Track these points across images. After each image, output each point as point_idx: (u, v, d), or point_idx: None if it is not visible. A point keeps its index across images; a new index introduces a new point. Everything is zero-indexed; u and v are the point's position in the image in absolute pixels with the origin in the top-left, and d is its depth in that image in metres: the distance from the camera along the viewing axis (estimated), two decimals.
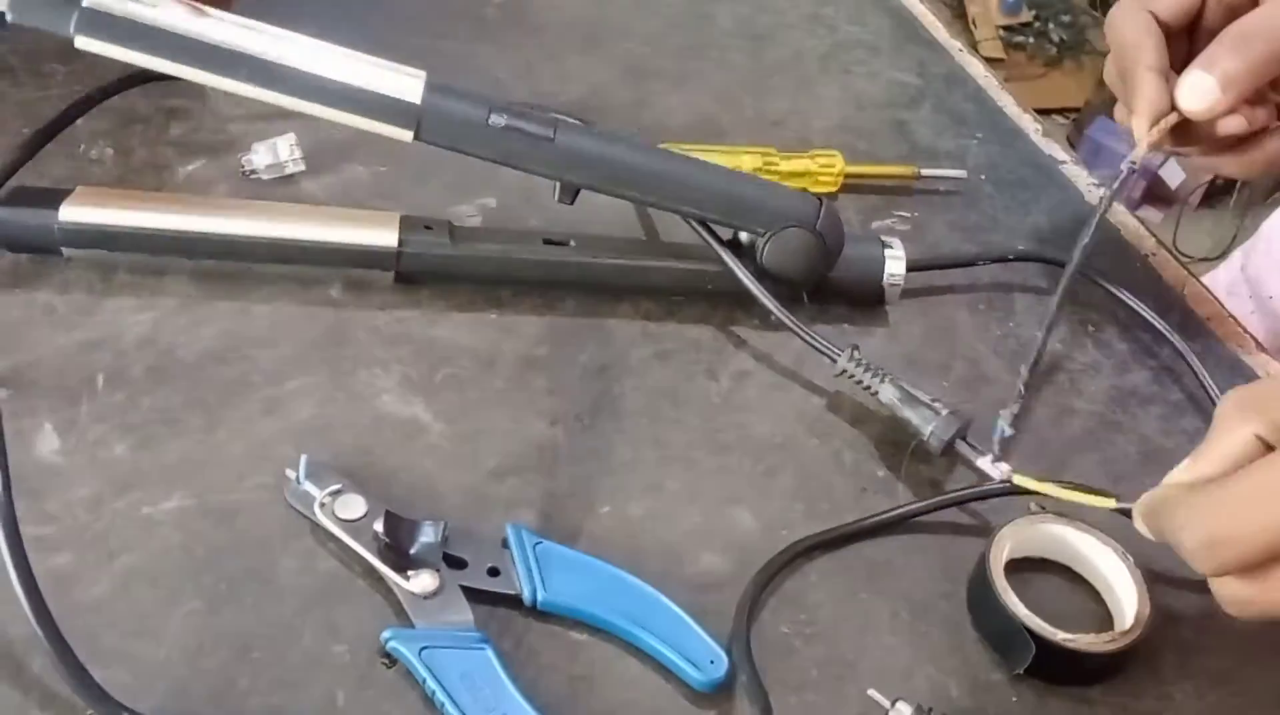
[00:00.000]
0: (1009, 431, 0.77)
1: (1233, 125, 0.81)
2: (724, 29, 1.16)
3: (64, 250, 0.77)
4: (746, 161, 0.94)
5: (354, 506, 0.64)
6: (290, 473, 0.66)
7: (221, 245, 0.78)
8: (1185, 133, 0.83)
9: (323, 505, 0.64)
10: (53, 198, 0.76)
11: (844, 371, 0.77)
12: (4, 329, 0.72)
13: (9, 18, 0.67)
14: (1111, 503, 0.65)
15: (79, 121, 0.81)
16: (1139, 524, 0.63)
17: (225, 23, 0.70)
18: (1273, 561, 0.54)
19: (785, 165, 0.95)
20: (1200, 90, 0.79)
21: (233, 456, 0.68)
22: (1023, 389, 0.80)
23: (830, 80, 1.12)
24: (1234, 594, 0.57)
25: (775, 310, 0.79)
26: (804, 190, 0.89)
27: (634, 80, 1.06)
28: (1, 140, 0.84)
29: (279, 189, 0.86)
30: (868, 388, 0.76)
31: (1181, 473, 0.61)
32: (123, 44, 0.69)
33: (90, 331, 0.73)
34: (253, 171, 0.86)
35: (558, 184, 0.77)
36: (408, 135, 0.73)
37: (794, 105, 1.07)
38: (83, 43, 0.68)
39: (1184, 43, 0.85)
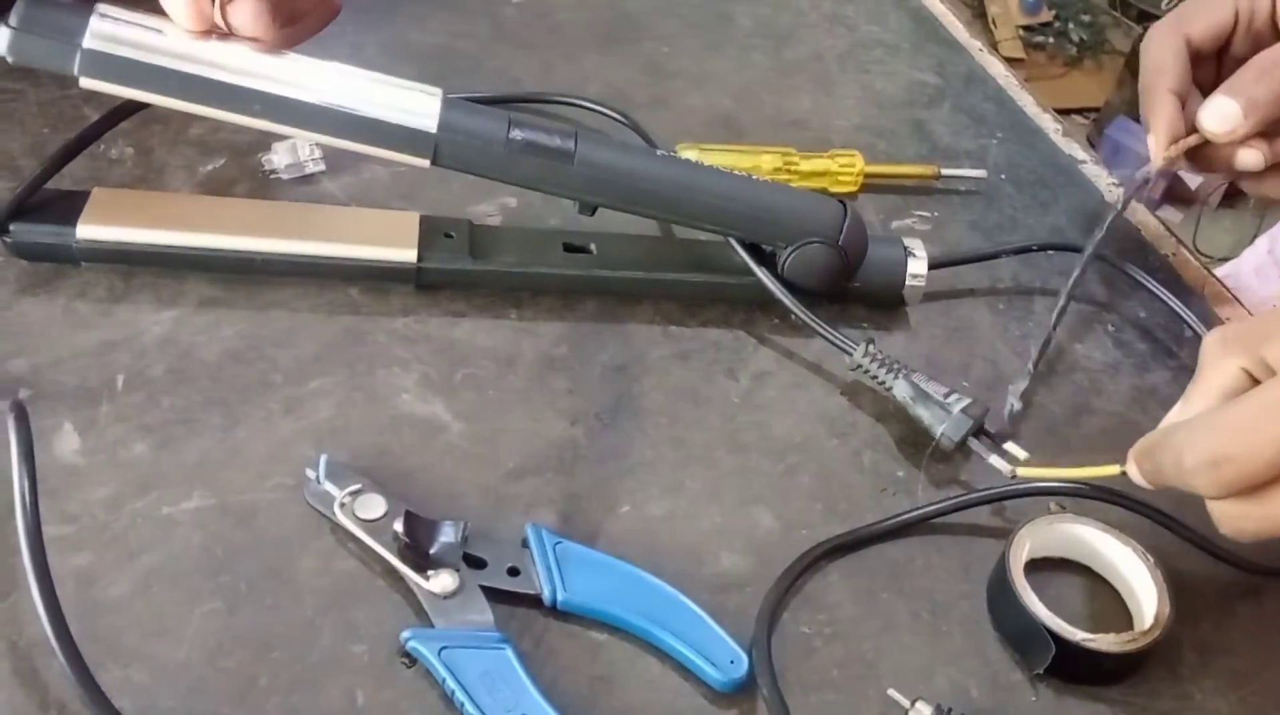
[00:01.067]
0: (1018, 406, 0.79)
1: (1249, 159, 0.84)
2: (744, 28, 1.16)
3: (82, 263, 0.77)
4: (766, 161, 0.94)
5: (374, 506, 0.65)
6: (310, 472, 0.66)
7: (239, 262, 0.78)
8: (1203, 156, 0.86)
9: (343, 505, 0.64)
10: (70, 206, 0.76)
11: (859, 366, 0.77)
12: (24, 329, 0.72)
13: (10, 60, 0.67)
14: (1117, 469, 0.66)
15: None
16: (1133, 470, 0.64)
17: (232, 56, 0.69)
18: (1274, 480, 0.56)
19: (805, 165, 0.95)
20: (1223, 113, 0.82)
21: (252, 456, 0.68)
22: (1031, 368, 0.81)
23: (850, 80, 1.12)
24: (1233, 513, 0.58)
25: (795, 309, 0.79)
26: (825, 192, 0.90)
27: (654, 80, 1.06)
28: (23, 140, 0.84)
29: (299, 189, 0.86)
30: (882, 383, 0.76)
31: (1175, 413, 0.63)
32: (128, 84, 0.69)
33: (110, 332, 0.73)
34: (272, 171, 0.86)
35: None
36: (425, 163, 0.73)
37: (814, 105, 1.07)
38: (88, 83, 0.68)
39: (1214, 66, 0.89)
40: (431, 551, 0.63)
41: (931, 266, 0.84)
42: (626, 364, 0.79)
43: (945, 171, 0.98)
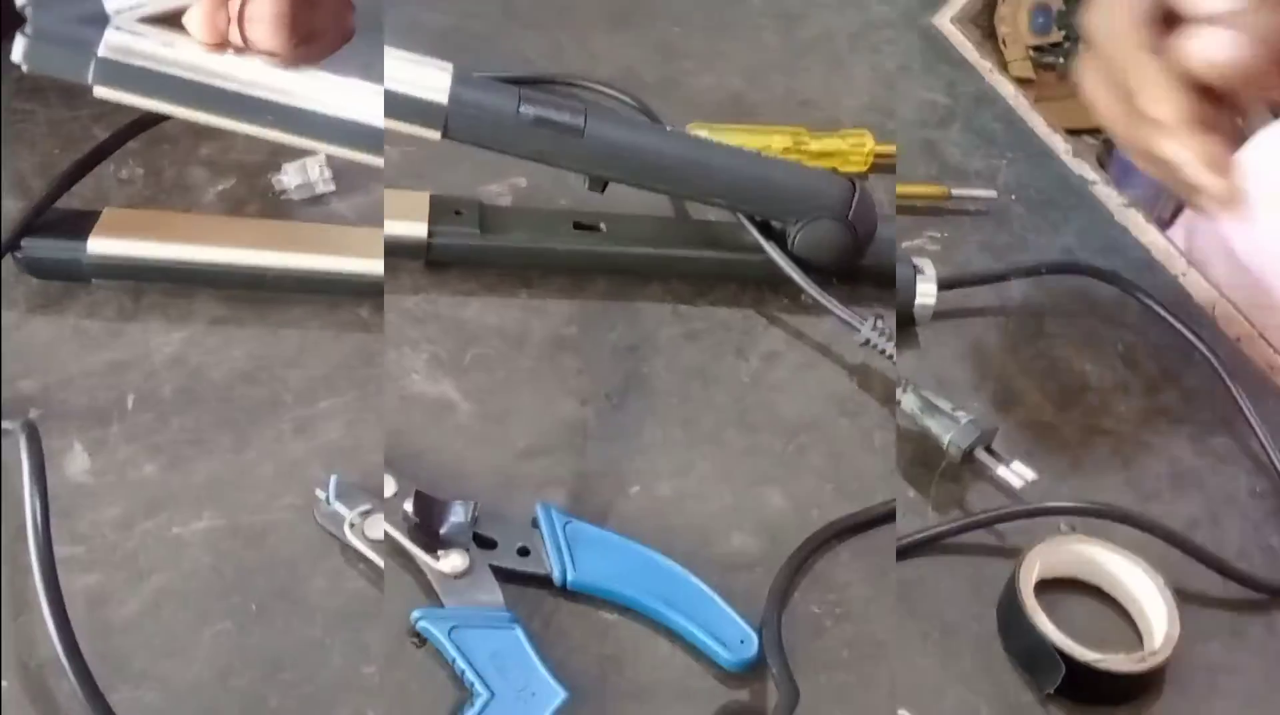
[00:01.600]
0: None
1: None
2: (754, 8, 1.17)
3: (93, 280, 0.77)
4: (776, 141, 0.94)
5: (379, 520, 0.65)
6: (320, 493, 0.66)
7: (249, 277, 0.78)
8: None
9: (352, 525, 0.64)
10: (81, 224, 0.76)
11: (867, 341, 0.78)
12: (34, 349, 0.73)
13: (24, 68, 0.68)
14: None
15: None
16: None
17: (246, 67, 0.69)
18: None
19: (815, 144, 0.96)
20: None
21: (262, 476, 0.68)
22: None
23: (860, 59, 1.12)
24: None
25: (804, 284, 0.80)
26: (834, 171, 0.90)
27: (664, 59, 1.07)
28: (33, 160, 0.85)
29: (309, 209, 0.86)
30: (891, 357, 0.78)
31: None
32: (142, 93, 0.69)
33: (120, 352, 0.73)
34: (283, 192, 0.86)
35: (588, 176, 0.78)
36: (435, 134, 0.73)
37: (824, 84, 1.08)
38: (102, 92, 0.69)
39: None
40: (441, 531, 0.64)
41: (941, 287, 0.84)
42: (636, 344, 0.79)
43: (955, 192, 0.98)
